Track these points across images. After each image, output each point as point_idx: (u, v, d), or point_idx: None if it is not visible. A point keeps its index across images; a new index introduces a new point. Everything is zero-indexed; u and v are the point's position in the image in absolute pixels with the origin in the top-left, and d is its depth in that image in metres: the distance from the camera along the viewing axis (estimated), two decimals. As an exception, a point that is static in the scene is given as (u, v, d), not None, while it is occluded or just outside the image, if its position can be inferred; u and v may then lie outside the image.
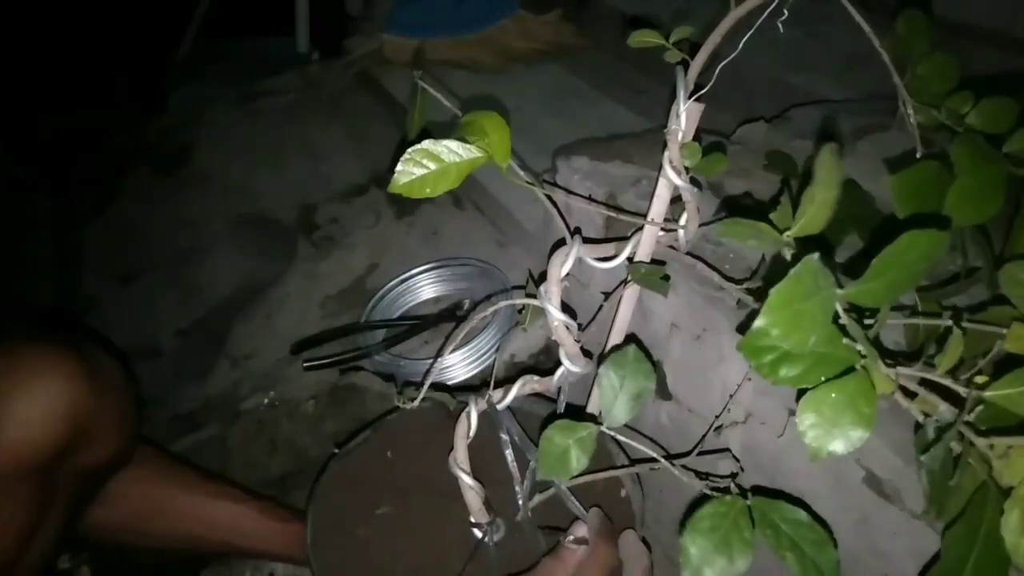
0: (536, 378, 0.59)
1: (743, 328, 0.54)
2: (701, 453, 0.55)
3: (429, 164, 0.44)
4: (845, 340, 0.36)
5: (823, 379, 0.36)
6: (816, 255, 0.34)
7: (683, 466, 0.50)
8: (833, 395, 0.36)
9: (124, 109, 1.83)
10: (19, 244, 1.40)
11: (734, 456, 0.59)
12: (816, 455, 0.36)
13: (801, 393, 0.37)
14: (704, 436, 0.56)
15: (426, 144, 0.44)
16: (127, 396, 0.70)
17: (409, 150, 0.44)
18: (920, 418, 0.39)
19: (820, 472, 0.51)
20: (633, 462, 0.59)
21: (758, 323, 0.33)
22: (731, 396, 0.55)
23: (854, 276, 0.35)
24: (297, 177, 1.38)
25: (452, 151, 0.44)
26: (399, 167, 0.44)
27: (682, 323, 0.62)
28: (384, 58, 1.54)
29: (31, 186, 1.54)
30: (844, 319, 0.36)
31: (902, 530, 0.46)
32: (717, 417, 0.56)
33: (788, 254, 0.42)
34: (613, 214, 0.59)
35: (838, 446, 0.36)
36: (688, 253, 0.58)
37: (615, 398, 0.48)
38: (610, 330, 0.60)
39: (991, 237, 0.51)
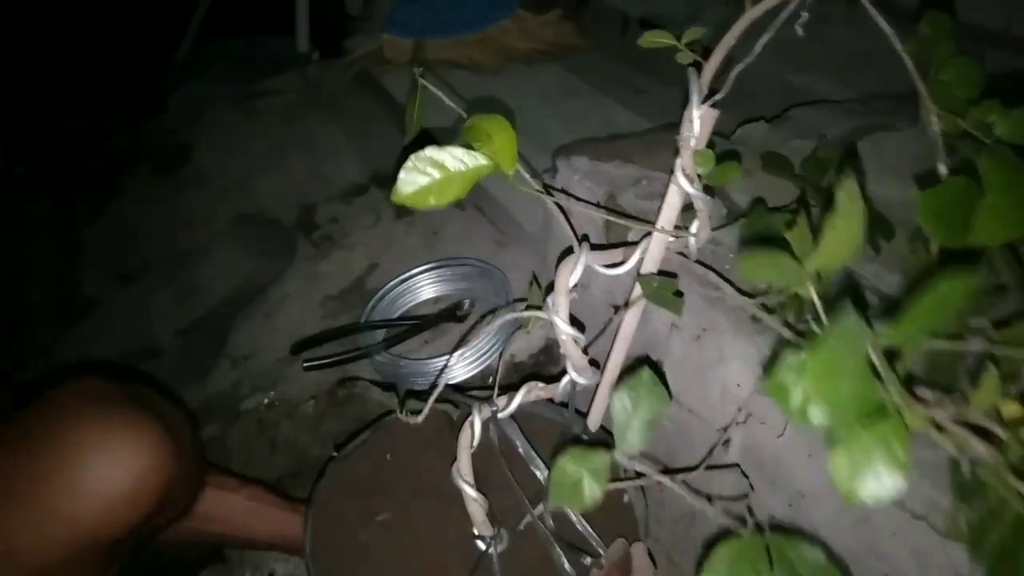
0: (541, 385, 0.58)
1: (768, 364, 0.53)
2: (709, 468, 0.54)
3: (433, 172, 0.41)
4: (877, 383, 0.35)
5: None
6: (852, 314, 0.32)
7: (688, 473, 0.49)
8: (865, 438, 0.35)
9: (124, 109, 1.83)
10: (19, 244, 1.40)
11: (743, 473, 0.58)
12: (851, 501, 0.35)
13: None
14: (711, 451, 0.55)
15: (430, 151, 0.41)
16: (197, 454, 0.68)
17: (412, 157, 0.41)
18: (954, 453, 0.38)
19: (820, 472, 0.51)
20: (638, 475, 0.59)
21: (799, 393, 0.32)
22: (739, 410, 0.54)
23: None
24: (297, 177, 1.38)
25: (457, 159, 0.42)
26: (402, 175, 0.41)
27: (682, 323, 0.62)
28: (384, 58, 1.54)
29: (31, 186, 1.54)
30: (876, 362, 0.35)
31: (902, 530, 0.46)
32: (725, 430, 0.56)
33: (812, 292, 0.40)
34: (619, 220, 0.58)
35: (872, 490, 0.34)
36: (697, 261, 0.57)
37: (628, 422, 0.47)
38: (613, 342, 0.59)
39: (1018, 253, 0.50)
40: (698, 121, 0.47)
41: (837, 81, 0.99)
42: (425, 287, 1.06)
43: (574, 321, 0.53)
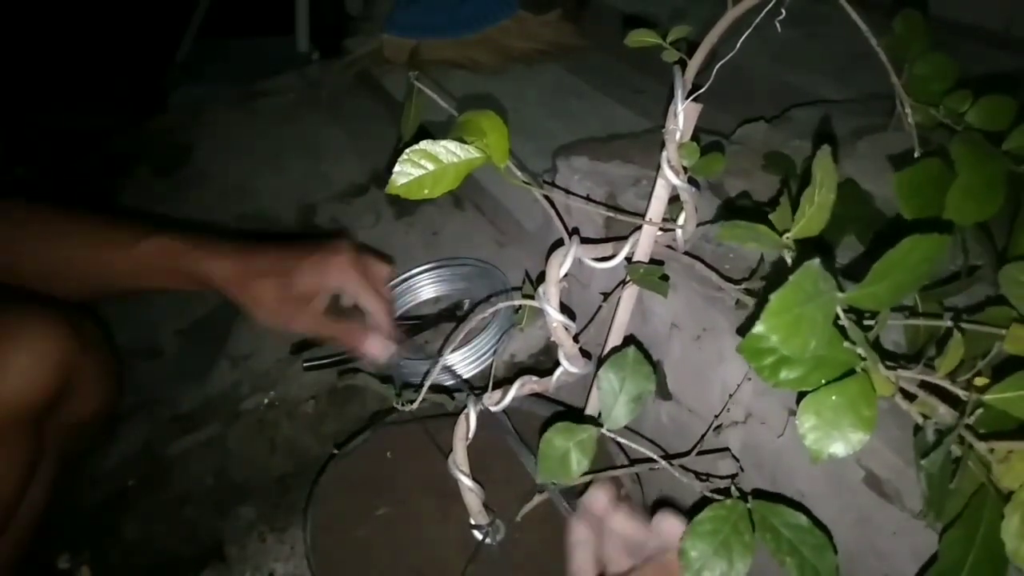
0: (534, 379, 0.59)
1: (743, 330, 0.54)
2: (701, 453, 0.55)
3: (427, 164, 0.43)
4: (845, 343, 0.36)
5: (824, 381, 0.36)
6: (816, 260, 0.34)
7: (682, 466, 0.50)
8: (833, 397, 0.36)
9: (124, 109, 1.83)
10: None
11: (734, 456, 0.59)
12: (817, 457, 0.36)
13: (802, 395, 0.37)
14: (703, 436, 0.56)
15: (424, 144, 0.43)
16: (109, 354, 0.74)
17: (407, 150, 0.43)
18: (919, 420, 0.39)
19: (820, 472, 0.51)
20: (632, 462, 0.59)
21: (757, 329, 0.33)
22: (731, 396, 0.55)
23: (854, 278, 0.35)
24: (297, 177, 1.38)
25: (450, 151, 0.44)
26: (396, 168, 0.43)
27: (682, 323, 0.62)
28: (384, 58, 1.54)
29: (31, 186, 1.54)
30: (844, 322, 0.36)
31: (902, 530, 0.46)
32: (716, 417, 0.56)
33: (788, 256, 0.42)
34: (612, 214, 0.59)
35: (839, 448, 0.36)
36: (687, 253, 0.58)
37: (615, 400, 0.48)
38: (609, 330, 0.60)
39: (992, 235, 0.51)
40: (682, 115, 0.48)
41: (837, 81, 0.99)
42: (425, 287, 1.05)
43: (568, 314, 0.54)
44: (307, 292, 0.68)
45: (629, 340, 0.57)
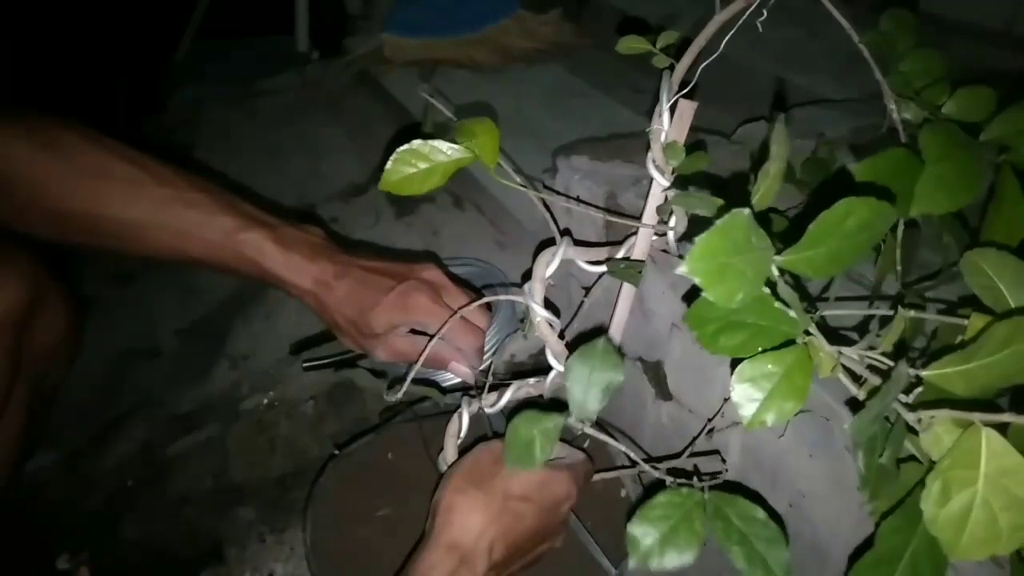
0: (531, 382, 0.59)
1: (689, 299, 0.54)
2: (693, 454, 0.55)
3: (418, 163, 0.46)
4: (778, 305, 0.36)
5: (761, 350, 0.36)
6: (746, 210, 0.33)
7: (676, 467, 0.50)
8: (769, 366, 0.36)
9: (124, 109, 1.82)
10: (19, 244, 1.39)
11: (722, 457, 0.59)
12: (751, 425, 0.36)
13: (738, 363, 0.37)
14: (696, 437, 0.56)
15: (415, 144, 0.46)
16: (64, 287, 0.80)
17: (398, 150, 0.46)
18: (858, 393, 0.39)
19: (820, 472, 0.51)
20: (633, 463, 0.59)
21: (680, 268, 0.32)
22: (726, 400, 0.55)
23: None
24: (297, 177, 1.38)
25: (439, 151, 0.46)
26: (389, 165, 0.46)
27: (683, 323, 0.62)
28: (384, 57, 1.54)
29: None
30: (780, 285, 0.35)
31: (903, 531, 0.46)
32: (710, 420, 0.56)
33: None
34: (609, 218, 0.60)
35: (770, 417, 0.36)
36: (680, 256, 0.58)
37: (585, 390, 0.48)
38: (607, 327, 0.60)
39: (969, 226, 0.51)
40: (666, 115, 0.50)
41: (838, 81, 0.99)
42: (425, 287, 1.05)
43: (554, 313, 0.55)
44: (387, 328, 0.67)
45: (598, 330, 0.58)
